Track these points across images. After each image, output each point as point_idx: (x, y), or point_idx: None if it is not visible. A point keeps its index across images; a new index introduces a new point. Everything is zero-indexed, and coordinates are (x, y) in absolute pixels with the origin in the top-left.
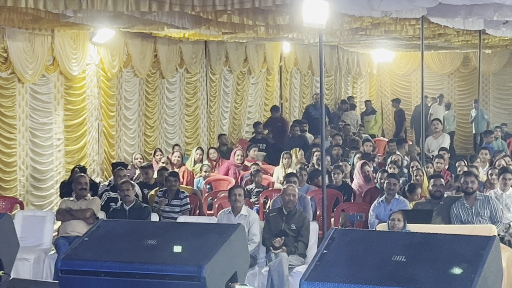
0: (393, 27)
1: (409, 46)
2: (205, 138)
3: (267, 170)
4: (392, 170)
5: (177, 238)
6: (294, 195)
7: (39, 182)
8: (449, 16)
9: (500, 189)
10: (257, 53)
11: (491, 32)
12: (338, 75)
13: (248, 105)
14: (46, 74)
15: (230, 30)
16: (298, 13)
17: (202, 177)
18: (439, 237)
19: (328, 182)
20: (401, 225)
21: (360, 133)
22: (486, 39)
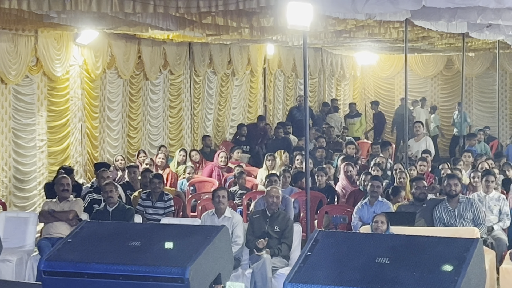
0: (377, 29)
1: (393, 48)
2: (189, 139)
3: (251, 172)
4: (376, 173)
5: (161, 240)
6: (277, 197)
7: (22, 183)
8: (433, 19)
9: (483, 192)
10: (241, 55)
11: (475, 35)
12: (322, 77)
13: (232, 107)
14: (29, 75)
15: (214, 31)
16: (283, 15)
17: (186, 178)
18: (423, 240)
19: (311, 184)
20: (384, 227)
21: (344, 135)
22: (469, 42)
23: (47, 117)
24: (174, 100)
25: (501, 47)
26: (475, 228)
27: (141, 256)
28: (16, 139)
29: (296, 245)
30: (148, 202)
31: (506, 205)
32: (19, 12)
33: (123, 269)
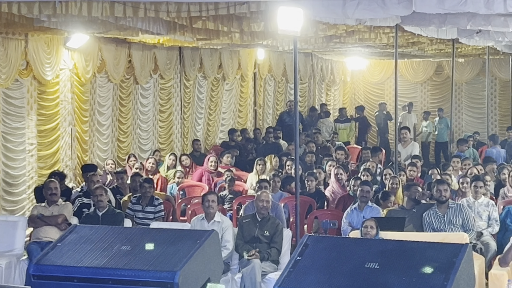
0: (367, 35)
1: (383, 54)
2: (179, 144)
3: (241, 177)
4: (366, 178)
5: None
6: (267, 201)
7: (11, 187)
8: (423, 24)
9: (472, 197)
10: (232, 59)
11: (464, 41)
12: (312, 82)
13: (222, 112)
14: (19, 79)
15: (204, 36)
16: (273, 20)
17: (176, 183)
18: (412, 245)
19: (301, 189)
20: (374, 232)
21: (334, 140)
22: (459, 48)
23: (36, 121)
24: (164, 105)
25: (490, 53)
26: (465, 233)
27: (131, 260)
28: (6, 142)
29: (286, 249)
30: (138, 206)
31: (495, 211)
32: (9, 15)
33: (113, 273)
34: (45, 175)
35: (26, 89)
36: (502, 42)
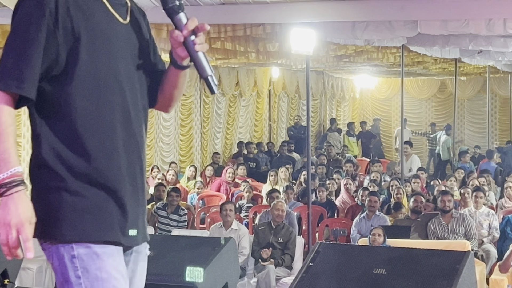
0: (375, 54)
1: (390, 72)
2: (199, 156)
3: (256, 187)
4: (372, 188)
5: (172, 250)
6: (282, 210)
7: None
8: (428, 45)
9: (473, 207)
10: (248, 77)
11: (466, 61)
12: (323, 99)
13: (239, 126)
14: None
15: (223, 56)
16: (287, 41)
17: (196, 193)
18: (418, 252)
19: (313, 199)
20: (381, 240)
21: (344, 153)
22: (461, 67)
23: None
24: (185, 119)
25: (491, 71)
26: (467, 241)
27: (154, 265)
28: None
29: (299, 256)
30: (163, 212)
31: (495, 220)
32: None
33: None
34: None
35: None
36: (502, 61)
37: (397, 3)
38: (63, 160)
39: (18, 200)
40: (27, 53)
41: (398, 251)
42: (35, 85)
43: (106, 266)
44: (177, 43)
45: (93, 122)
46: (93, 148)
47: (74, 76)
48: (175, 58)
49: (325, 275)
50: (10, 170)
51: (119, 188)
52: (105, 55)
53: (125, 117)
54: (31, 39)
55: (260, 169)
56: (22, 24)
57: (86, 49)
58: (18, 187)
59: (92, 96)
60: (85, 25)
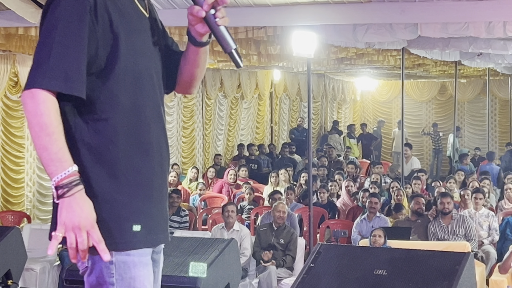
0: (376, 57)
1: (391, 75)
2: (201, 158)
3: (258, 189)
4: (373, 190)
5: (175, 251)
6: (283, 212)
7: (45, 198)
8: (428, 48)
9: (473, 209)
10: (250, 80)
11: (466, 63)
12: (324, 101)
13: (241, 128)
14: None
15: (225, 58)
16: (288, 43)
17: (198, 194)
18: (418, 253)
19: (314, 200)
20: (382, 241)
21: (348, 155)
22: (461, 69)
23: None
24: (187, 122)
25: (491, 74)
26: (467, 242)
27: None
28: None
29: (300, 257)
30: None
31: (495, 221)
32: None
33: None
34: None
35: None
36: (502, 64)
37: (397, 6)
38: (101, 162)
39: (81, 201)
40: (73, 49)
41: (398, 252)
42: (84, 82)
43: (140, 276)
44: (196, 20)
45: (131, 119)
46: (131, 146)
47: (114, 73)
48: (194, 35)
49: (326, 276)
50: (67, 169)
51: (152, 186)
52: (139, 50)
53: (157, 112)
54: (75, 35)
55: (262, 170)
56: (63, 20)
57: (124, 45)
58: (78, 187)
59: (130, 92)
60: (122, 21)
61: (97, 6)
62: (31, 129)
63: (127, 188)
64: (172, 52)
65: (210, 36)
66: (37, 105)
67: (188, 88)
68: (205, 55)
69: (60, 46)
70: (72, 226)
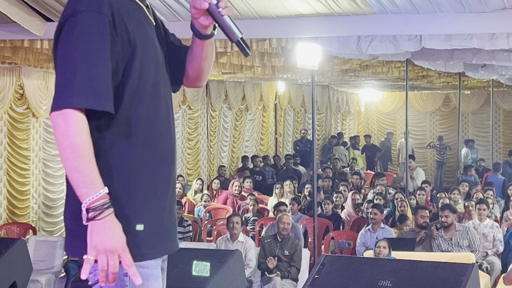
0: (380, 69)
1: (395, 86)
2: (205, 170)
3: (262, 200)
4: (378, 201)
5: (180, 263)
6: (288, 223)
7: (51, 210)
8: (432, 59)
9: (477, 220)
10: (254, 91)
11: (470, 75)
12: (328, 112)
13: (245, 140)
14: None
15: (229, 70)
16: (293, 55)
17: (202, 206)
18: (423, 264)
19: (319, 212)
20: (386, 252)
21: (353, 166)
22: (465, 80)
23: None
24: (192, 133)
25: (495, 85)
26: (471, 253)
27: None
28: (46, 168)
29: (304, 268)
30: None
31: (499, 232)
32: (50, 51)
33: None
34: None
35: None
36: (506, 75)
37: (401, 18)
38: (116, 175)
39: (113, 224)
40: (98, 65)
41: (403, 264)
42: (112, 97)
43: None
44: (200, 12)
45: (147, 131)
46: (147, 158)
47: (130, 85)
48: (198, 29)
49: (331, 287)
50: (99, 191)
51: (166, 197)
52: (152, 60)
53: (168, 122)
54: (99, 51)
55: (266, 182)
56: (84, 37)
57: (140, 56)
58: (109, 209)
59: (145, 103)
60: (137, 31)
61: (115, 19)
62: (62, 150)
63: (141, 200)
64: (176, 48)
65: (214, 28)
66: (69, 126)
67: (197, 81)
68: (211, 47)
69: (86, 63)
70: (104, 249)
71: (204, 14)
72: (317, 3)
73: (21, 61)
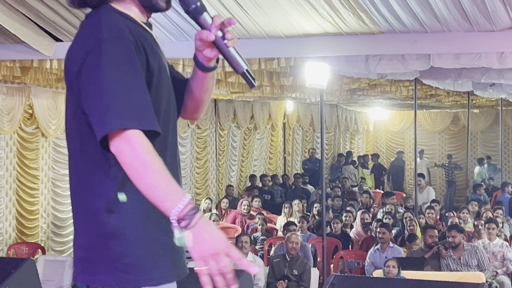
0: (389, 88)
1: (403, 105)
2: (214, 189)
3: (271, 219)
4: (387, 221)
5: (189, 282)
6: (297, 243)
7: (60, 229)
8: (440, 78)
9: (487, 239)
10: (263, 111)
11: (479, 93)
12: (337, 131)
13: (254, 159)
14: None
15: (238, 90)
16: (301, 74)
17: None
18: (432, 284)
19: (328, 231)
20: (396, 271)
21: (362, 185)
22: (474, 99)
23: None
24: (200, 152)
25: (503, 104)
26: (481, 273)
27: None
28: (55, 188)
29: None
30: None
31: (509, 252)
32: (59, 71)
33: None
34: None
35: None
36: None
37: (409, 37)
38: (131, 200)
39: (207, 226)
40: (137, 87)
41: (412, 283)
42: (155, 118)
43: None
44: (205, 44)
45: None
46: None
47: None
48: (202, 61)
49: None
50: (182, 199)
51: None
52: (165, 89)
53: (174, 150)
54: (133, 74)
55: (275, 201)
56: (115, 62)
57: (155, 84)
58: (198, 213)
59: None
60: (154, 59)
61: (138, 44)
62: (134, 171)
63: (156, 223)
64: (176, 80)
65: (217, 60)
66: (135, 146)
67: (194, 113)
68: (212, 80)
69: (124, 87)
70: (210, 255)
71: (210, 46)
72: (326, 23)
73: (30, 81)
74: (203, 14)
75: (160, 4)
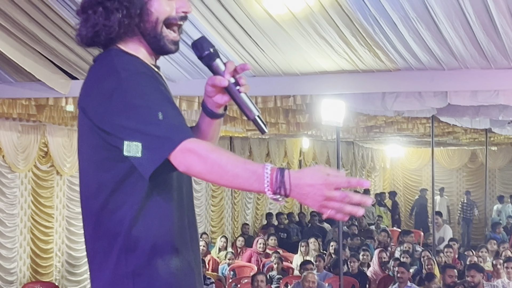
0: (405, 125)
1: (420, 142)
2: (230, 227)
3: (287, 258)
4: (405, 259)
5: None
6: (313, 282)
7: (74, 268)
8: (458, 115)
9: (506, 278)
10: (279, 148)
11: (497, 131)
12: (353, 169)
13: None
14: None
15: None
16: (317, 112)
17: (226, 264)
18: None
19: (345, 270)
20: None
21: (379, 223)
22: (492, 137)
23: None
24: (216, 190)
25: None
26: None
27: None
28: (69, 226)
29: None
30: None
31: None
32: (74, 109)
33: None
34: None
35: None
36: None
37: (426, 75)
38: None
39: (300, 180)
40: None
41: None
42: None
43: None
44: (217, 90)
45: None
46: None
47: None
48: (211, 107)
49: None
50: (264, 173)
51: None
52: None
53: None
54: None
55: (291, 239)
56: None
57: None
58: (285, 174)
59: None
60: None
61: (154, 77)
62: (212, 175)
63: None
64: None
65: (225, 108)
66: (199, 151)
67: None
68: (219, 126)
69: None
70: (326, 201)
71: (221, 91)
72: (341, 60)
73: (45, 119)
74: (216, 61)
75: (169, 46)
